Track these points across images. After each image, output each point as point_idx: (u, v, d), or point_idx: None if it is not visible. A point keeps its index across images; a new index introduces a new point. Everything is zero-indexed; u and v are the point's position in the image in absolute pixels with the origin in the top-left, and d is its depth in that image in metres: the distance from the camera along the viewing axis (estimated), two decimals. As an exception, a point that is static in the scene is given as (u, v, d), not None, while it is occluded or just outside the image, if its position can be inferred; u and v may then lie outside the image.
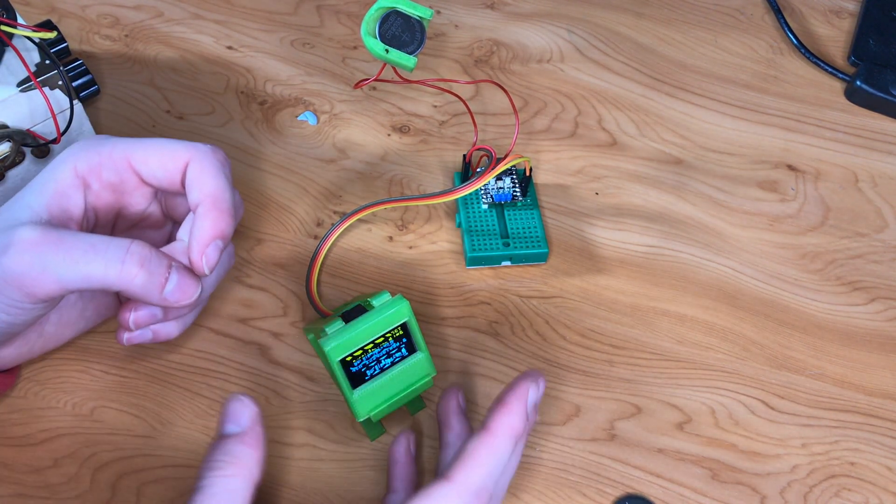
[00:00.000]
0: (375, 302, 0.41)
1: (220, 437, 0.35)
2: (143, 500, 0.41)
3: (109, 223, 0.42)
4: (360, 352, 0.40)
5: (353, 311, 0.41)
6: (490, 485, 0.33)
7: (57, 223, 0.36)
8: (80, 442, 0.42)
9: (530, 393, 0.35)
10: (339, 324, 0.40)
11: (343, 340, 0.40)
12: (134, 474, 0.41)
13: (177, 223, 0.44)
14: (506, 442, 0.34)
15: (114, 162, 0.38)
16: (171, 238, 0.44)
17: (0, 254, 0.34)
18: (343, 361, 0.40)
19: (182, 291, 0.37)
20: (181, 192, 0.39)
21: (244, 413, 0.35)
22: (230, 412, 0.35)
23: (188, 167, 0.38)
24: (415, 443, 0.42)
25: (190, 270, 0.37)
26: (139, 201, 0.41)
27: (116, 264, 0.35)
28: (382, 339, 0.41)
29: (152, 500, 0.41)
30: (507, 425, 0.34)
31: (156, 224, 0.43)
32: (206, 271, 0.38)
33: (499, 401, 0.35)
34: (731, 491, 0.43)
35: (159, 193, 0.42)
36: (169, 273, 0.36)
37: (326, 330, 0.40)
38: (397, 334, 0.41)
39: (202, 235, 0.37)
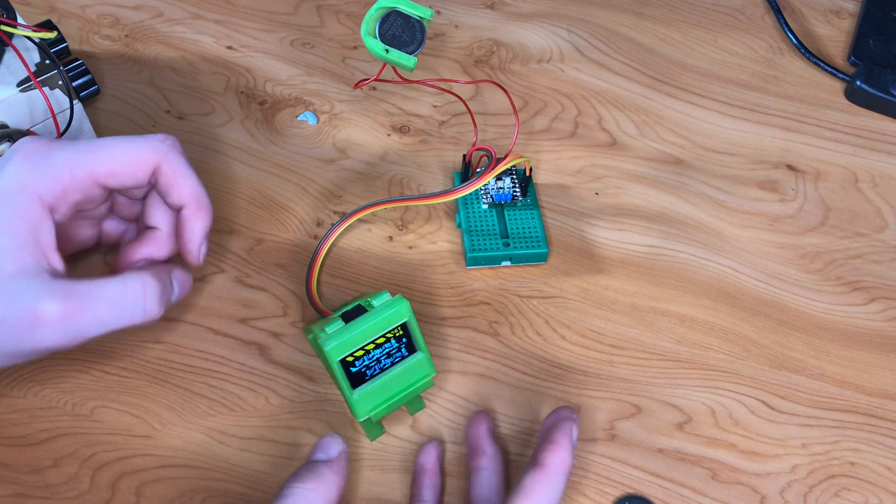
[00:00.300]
0: (375, 302, 0.41)
1: (311, 461, 0.38)
2: (143, 500, 0.41)
3: (71, 224, 0.41)
4: (360, 352, 0.40)
5: (353, 311, 0.41)
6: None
7: (37, 260, 0.35)
8: (80, 442, 0.42)
9: (574, 430, 0.38)
10: (339, 324, 0.40)
11: (343, 340, 0.40)
12: (134, 474, 0.41)
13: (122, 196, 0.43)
14: (560, 478, 0.37)
15: (79, 183, 0.37)
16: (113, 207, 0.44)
17: (29, 330, 0.34)
18: (343, 361, 0.40)
19: (184, 289, 0.41)
20: (145, 186, 0.40)
21: (334, 446, 0.38)
22: (322, 444, 0.39)
23: (158, 170, 0.38)
24: (442, 452, 0.43)
25: (182, 267, 0.41)
26: (97, 202, 0.40)
27: (140, 313, 0.37)
28: (382, 339, 0.41)
29: (152, 500, 0.41)
30: (561, 462, 0.37)
31: (105, 212, 0.43)
32: (202, 263, 0.41)
33: (549, 439, 0.38)
34: (731, 491, 0.43)
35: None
36: (173, 286, 0.39)
37: (326, 330, 0.40)
38: (397, 334, 0.41)
39: (195, 236, 0.40)
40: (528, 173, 0.50)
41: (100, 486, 0.41)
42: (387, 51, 0.44)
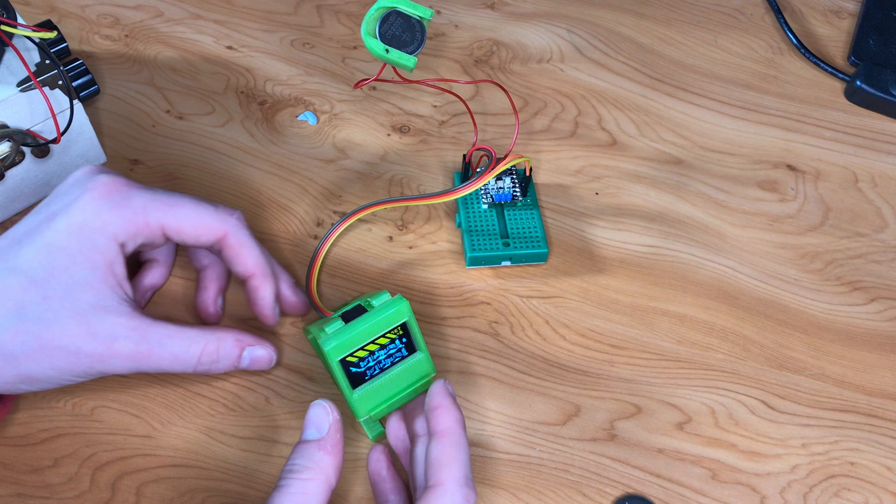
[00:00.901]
0: (375, 302, 0.41)
1: (301, 442, 0.37)
2: (143, 500, 0.41)
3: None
4: (361, 352, 0.40)
5: (353, 311, 0.41)
6: (469, 472, 0.36)
7: (114, 291, 0.39)
8: (80, 442, 0.42)
9: (446, 386, 0.39)
10: (339, 324, 0.40)
11: (343, 340, 0.40)
12: (134, 474, 0.41)
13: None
14: (460, 434, 0.37)
15: (149, 230, 0.40)
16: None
17: (101, 361, 0.38)
18: (343, 361, 0.40)
19: (258, 364, 0.42)
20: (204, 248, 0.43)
21: (324, 420, 0.37)
22: (311, 418, 0.38)
23: (224, 242, 0.41)
24: (390, 455, 0.42)
25: (265, 347, 0.43)
26: (156, 247, 0.44)
27: (190, 369, 0.40)
28: (382, 338, 0.41)
29: (152, 500, 0.41)
30: (454, 420, 0.37)
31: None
32: (277, 322, 0.44)
33: (431, 406, 0.38)
34: (731, 491, 0.43)
35: None
36: (241, 357, 0.42)
37: (326, 330, 0.40)
38: (397, 334, 0.41)
39: (266, 301, 0.43)
40: (528, 173, 0.49)
41: (100, 485, 0.41)
42: (387, 51, 0.44)
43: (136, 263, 0.46)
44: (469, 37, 0.60)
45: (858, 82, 0.58)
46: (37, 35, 0.43)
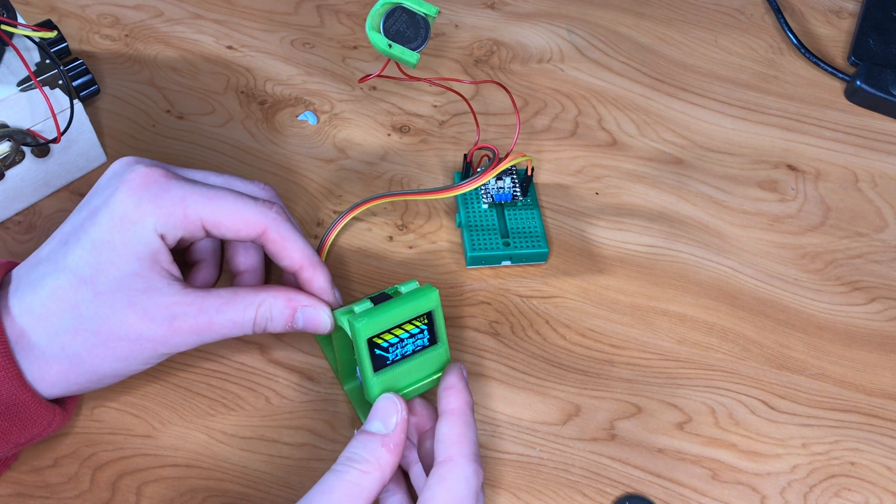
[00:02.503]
0: (403, 288, 0.41)
1: (365, 432, 0.37)
2: (143, 500, 0.41)
3: None
4: (387, 335, 0.40)
5: (380, 297, 0.41)
6: (477, 449, 0.37)
7: (162, 276, 0.39)
8: (80, 442, 0.42)
9: (461, 370, 0.40)
10: (368, 304, 0.40)
11: (372, 319, 0.39)
12: (134, 474, 0.41)
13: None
14: (470, 415, 0.38)
15: (189, 222, 0.39)
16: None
17: (164, 342, 0.38)
18: (369, 342, 0.40)
19: (311, 323, 0.41)
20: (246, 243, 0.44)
21: (392, 416, 0.38)
22: (379, 409, 0.38)
23: (266, 237, 0.41)
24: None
25: (316, 307, 0.42)
26: (196, 241, 0.44)
27: (248, 331, 0.40)
28: (408, 325, 0.41)
29: (152, 500, 0.41)
30: (465, 401, 0.38)
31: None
32: (341, 303, 0.43)
33: (445, 388, 0.39)
34: (731, 491, 0.43)
35: None
36: (294, 317, 0.41)
37: (355, 309, 0.40)
38: (423, 323, 0.41)
39: (323, 291, 0.42)
40: (529, 172, 0.49)
41: (100, 485, 0.41)
42: (390, 46, 0.44)
43: (182, 265, 0.46)
44: (469, 37, 0.60)
45: (858, 82, 0.58)
46: (37, 35, 0.43)
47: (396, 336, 0.40)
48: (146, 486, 0.41)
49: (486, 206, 0.50)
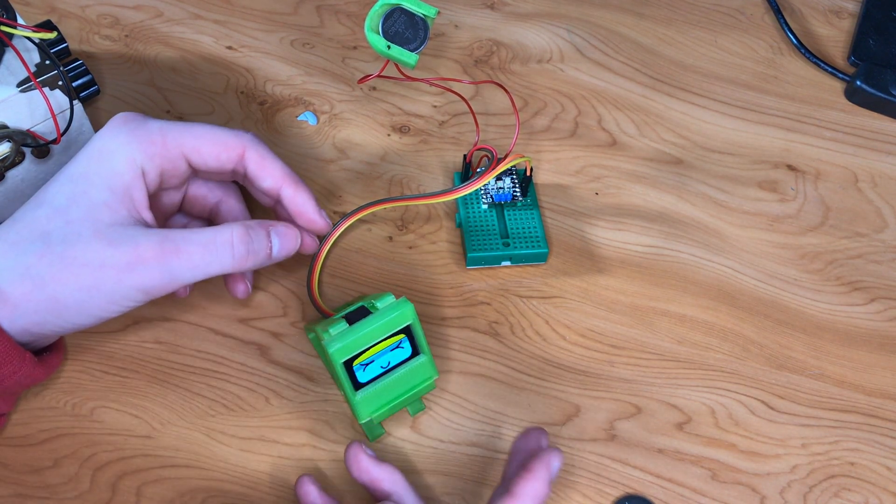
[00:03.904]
0: (379, 304, 0.41)
1: (541, 449, 0.37)
2: (143, 500, 0.41)
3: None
4: (364, 353, 0.40)
5: (357, 313, 0.41)
6: None
7: (131, 214, 0.39)
8: (80, 442, 0.42)
9: (554, 462, 0.37)
10: (343, 325, 0.40)
11: (347, 342, 0.39)
12: (134, 474, 0.41)
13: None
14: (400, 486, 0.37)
15: (168, 151, 0.40)
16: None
17: (128, 270, 0.37)
18: (346, 363, 0.40)
19: (286, 247, 0.41)
20: (225, 176, 0.43)
21: (555, 463, 0.37)
22: (536, 439, 0.38)
23: (245, 158, 0.41)
24: (317, 482, 0.40)
25: (286, 224, 0.42)
26: (180, 178, 0.43)
27: (228, 259, 0.39)
28: (386, 341, 0.41)
29: (152, 500, 0.41)
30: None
31: (175, 207, 0.45)
32: (330, 226, 0.44)
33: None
34: (731, 491, 0.43)
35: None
36: (270, 239, 0.40)
37: (331, 331, 0.40)
38: (401, 336, 0.41)
39: (308, 206, 0.42)
40: (528, 173, 0.49)
41: (100, 486, 0.41)
42: (389, 47, 0.44)
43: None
44: (469, 37, 0.60)
45: (858, 82, 0.58)
46: (37, 35, 0.43)
47: (375, 353, 0.40)
48: (146, 487, 0.41)
49: (485, 207, 0.50)
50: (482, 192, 0.50)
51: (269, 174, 0.42)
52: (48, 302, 0.37)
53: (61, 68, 0.45)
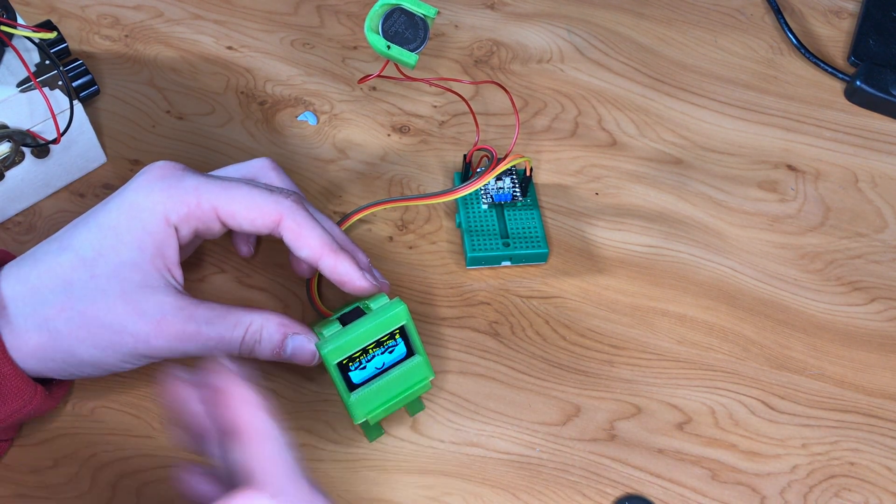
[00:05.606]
0: (373, 305, 0.41)
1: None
2: (143, 500, 0.41)
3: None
4: (359, 354, 0.40)
5: (351, 314, 0.41)
6: (288, 468, 0.33)
7: (161, 274, 0.38)
8: (80, 442, 0.42)
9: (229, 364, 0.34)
10: (337, 326, 0.40)
11: (340, 344, 0.39)
12: (134, 474, 0.41)
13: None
14: (267, 425, 0.34)
15: (203, 213, 0.39)
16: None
17: (145, 341, 0.37)
18: (340, 365, 0.40)
19: (300, 353, 0.40)
20: (265, 235, 0.42)
21: None
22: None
23: (282, 226, 0.40)
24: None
25: (307, 335, 0.40)
26: (214, 235, 0.42)
27: (235, 350, 0.39)
28: (380, 341, 0.41)
29: (152, 500, 0.41)
30: (251, 415, 0.34)
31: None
32: (378, 287, 0.41)
33: (219, 398, 0.34)
34: (731, 491, 0.43)
35: None
36: (284, 344, 0.40)
37: (324, 333, 0.40)
38: (395, 337, 0.41)
39: (349, 275, 0.40)
40: (528, 173, 0.49)
41: (100, 486, 0.41)
42: (388, 47, 0.44)
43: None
44: (469, 37, 0.60)
45: (858, 82, 0.58)
46: (37, 35, 0.43)
47: (369, 354, 0.40)
48: (146, 487, 0.41)
49: (485, 207, 0.50)
50: (482, 192, 0.50)
51: (305, 244, 0.40)
52: (63, 354, 0.37)
53: (61, 68, 0.45)
